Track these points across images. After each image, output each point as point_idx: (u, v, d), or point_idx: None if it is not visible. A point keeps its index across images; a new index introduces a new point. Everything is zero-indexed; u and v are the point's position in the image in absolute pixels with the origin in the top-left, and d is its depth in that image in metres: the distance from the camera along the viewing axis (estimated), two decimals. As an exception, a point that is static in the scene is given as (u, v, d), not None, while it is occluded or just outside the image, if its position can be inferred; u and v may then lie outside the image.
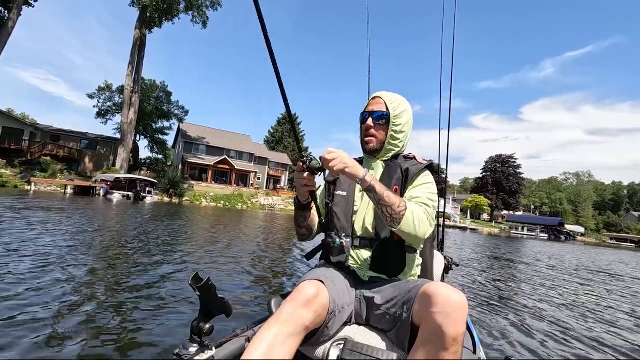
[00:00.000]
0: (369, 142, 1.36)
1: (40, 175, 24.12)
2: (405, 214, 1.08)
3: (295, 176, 1.18)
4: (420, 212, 1.13)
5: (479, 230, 42.90)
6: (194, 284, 0.88)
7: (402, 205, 1.08)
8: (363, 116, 1.39)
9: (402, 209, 1.07)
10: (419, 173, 1.30)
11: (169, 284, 3.58)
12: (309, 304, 0.97)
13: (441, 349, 0.87)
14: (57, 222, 7.22)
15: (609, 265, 12.31)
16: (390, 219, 1.08)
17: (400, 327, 1.05)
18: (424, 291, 0.97)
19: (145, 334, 2.31)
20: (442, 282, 1.56)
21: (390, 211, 1.07)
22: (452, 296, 0.89)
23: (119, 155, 29.65)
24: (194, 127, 41.61)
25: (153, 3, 26.09)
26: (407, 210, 1.08)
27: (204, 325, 0.92)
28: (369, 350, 1.01)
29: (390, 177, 1.31)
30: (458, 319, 0.86)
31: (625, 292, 6.40)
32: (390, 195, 1.08)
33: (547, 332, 3.29)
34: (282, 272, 4.92)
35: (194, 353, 0.91)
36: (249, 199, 33.40)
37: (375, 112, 1.34)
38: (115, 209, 14.04)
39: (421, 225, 1.11)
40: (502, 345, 2.80)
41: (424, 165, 1.33)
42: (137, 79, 30.39)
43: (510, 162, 60.81)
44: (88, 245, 5.12)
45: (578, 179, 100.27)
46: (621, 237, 60.14)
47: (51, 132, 32.41)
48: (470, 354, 1.19)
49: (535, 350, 2.77)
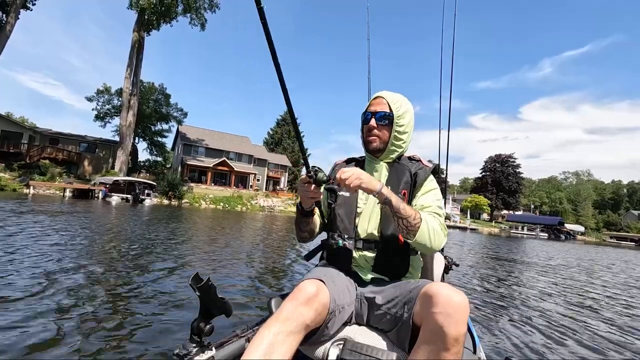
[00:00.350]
0: (372, 141, 1.33)
1: (39, 178, 24.09)
2: (421, 227, 1.09)
3: (300, 187, 1.16)
4: (435, 224, 1.14)
5: (479, 230, 42.89)
6: (194, 284, 0.88)
7: (417, 217, 1.09)
8: (365, 116, 1.36)
9: (417, 221, 1.08)
10: (426, 177, 1.29)
11: (168, 284, 3.57)
12: (309, 302, 0.97)
13: (442, 349, 0.86)
14: (55, 225, 7.18)
15: (612, 264, 12.28)
16: (406, 230, 1.09)
17: (401, 327, 1.04)
18: (425, 291, 0.97)
19: (145, 334, 2.31)
20: (442, 282, 1.54)
21: (407, 223, 1.08)
22: (453, 296, 0.89)
23: (117, 157, 29.60)
24: (193, 129, 41.61)
25: (151, 6, 26.07)
26: (423, 222, 1.09)
27: (204, 325, 0.92)
28: (368, 350, 1.01)
29: (399, 180, 1.29)
30: (459, 320, 0.86)
31: (628, 292, 6.38)
32: (406, 208, 1.08)
33: (547, 332, 3.26)
34: (281, 273, 4.91)
35: (194, 353, 0.91)
36: (248, 201, 33.38)
37: (378, 112, 1.31)
38: (114, 211, 13.99)
39: (436, 237, 1.12)
40: (502, 345, 2.79)
41: (431, 169, 1.32)
42: (136, 82, 30.39)
43: (509, 161, 60.92)
44: (87, 247, 5.08)
45: (577, 178, 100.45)
46: (621, 236, 60.17)
47: (50, 135, 32.39)
48: (470, 354, 1.18)
49: (535, 350, 2.75)
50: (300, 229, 1.35)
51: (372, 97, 1.38)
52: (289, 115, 1.01)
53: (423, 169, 1.30)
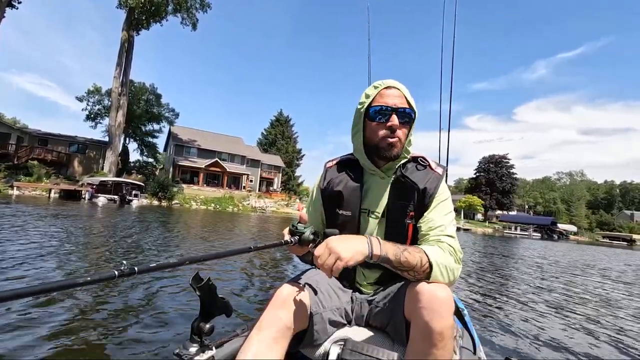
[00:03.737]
0: (394, 144, 1.09)
1: (25, 179, 23.74)
2: (432, 273, 0.93)
3: (288, 246, 1.00)
4: (446, 259, 0.97)
5: (473, 230, 43.08)
6: (194, 284, 0.88)
7: (424, 262, 0.93)
8: (380, 110, 1.09)
9: (425, 267, 0.93)
10: (437, 190, 1.11)
11: (168, 284, 3.57)
12: (286, 306, 0.97)
13: (431, 345, 0.85)
14: (37, 226, 6.99)
15: (608, 265, 12.29)
16: (414, 279, 0.96)
17: (396, 321, 1.03)
18: (411, 288, 0.95)
19: (145, 334, 2.33)
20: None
21: (413, 274, 0.95)
22: (437, 291, 0.88)
23: (107, 158, 29.32)
24: (185, 129, 41.35)
25: (139, 5, 25.85)
26: (432, 266, 0.94)
27: (204, 325, 0.92)
28: (369, 350, 1.01)
29: (406, 199, 1.12)
30: (444, 314, 0.85)
31: (626, 292, 6.35)
32: (407, 258, 0.93)
33: (547, 332, 3.26)
34: (281, 273, 4.93)
35: (194, 353, 0.91)
36: (240, 202, 33.19)
37: (400, 108, 1.08)
38: (100, 212, 13.83)
39: (449, 275, 0.96)
40: (502, 345, 2.80)
41: (442, 177, 1.14)
42: (125, 81, 30.14)
43: (503, 162, 61.16)
44: (81, 248, 4.94)
45: (571, 179, 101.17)
46: (614, 236, 60.68)
47: (39, 136, 31.98)
48: (470, 354, 1.18)
49: (535, 350, 2.76)
50: (300, 257, 1.17)
51: (381, 85, 1.12)
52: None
53: (432, 178, 1.12)
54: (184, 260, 0.59)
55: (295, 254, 1.11)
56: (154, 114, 38.82)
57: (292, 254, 1.12)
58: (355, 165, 1.22)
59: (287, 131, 53.48)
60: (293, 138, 54.00)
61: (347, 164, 1.24)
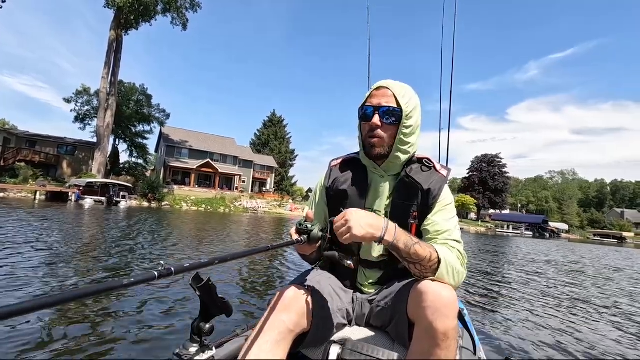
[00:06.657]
0: (374, 144, 1.10)
1: (10, 181, 23.34)
2: (439, 270, 0.93)
3: (296, 245, 1.00)
4: (454, 260, 0.97)
5: (465, 230, 43.29)
6: (195, 284, 0.88)
7: (433, 258, 0.93)
8: (364, 111, 1.12)
9: (433, 262, 0.93)
10: (441, 191, 1.11)
11: (168, 284, 3.55)
12: (289, 308, 0.96)
13: (434, 345, 0.85)
14: (27, 228, 6.81)
15: (605, 263, 12.36)
16: (420, 274, 0.95)
17: (398, 321, 1.02)
18: (415, 287, 0.94)
19: (145, 334, 2.34)
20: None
21: (420, 268, 0.94)
22: (442, 292, 0.87)
23: (95, 159, 28.93)
24: (176, 130, 41.01)
25: (127, 4, 25.55)
26: (440, 263, 0.93)
27: (204, 325, 0.92)
28: (369, 350, 1.01)
29: (409, 199, 1.11)
30: (448, 314, 0.84)
31: (623, 290, 6.36)
32: (417, 250, 0.92)
33: (547, 332, 3.26)
34: (281, 273, 4.90)
35: (194, 353, 0.91)
36: (232, 202, 32.98)
37: (382, 107, 1.08)
38: (87, 214, 13.61)
39: (454, 276, 0.95)
40: (502, 345, 2.80)
41: (446, 179, 1.14)
42: (114, 81, 29.79)
43: (496, 161, 61.57)
44: (74, 252, 4.78)
45: (563, 178, 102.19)
46: (604, 234, 61.47)
47: (27, 138, 31.50)
48: (470, 354, 1.18)
49: (535, 350, 2.76)
50: (305, 256, 1.18)
51: (373, 86, 1.15)
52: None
53: (436, 180, 1.11)
54: (213, 259, 0.63)
55: (304, 252, 1.09)
56: (144, 114, 38.37)
57: (296, 253, 1.10)
58: (359, 164, 1.23)
59: (280, 132, 53.35)
60: (286, 139, 53.87)
61: (352, 163, 1.25)
